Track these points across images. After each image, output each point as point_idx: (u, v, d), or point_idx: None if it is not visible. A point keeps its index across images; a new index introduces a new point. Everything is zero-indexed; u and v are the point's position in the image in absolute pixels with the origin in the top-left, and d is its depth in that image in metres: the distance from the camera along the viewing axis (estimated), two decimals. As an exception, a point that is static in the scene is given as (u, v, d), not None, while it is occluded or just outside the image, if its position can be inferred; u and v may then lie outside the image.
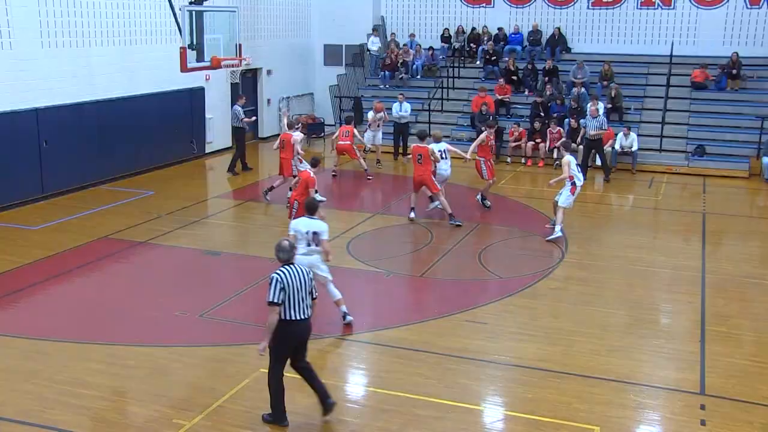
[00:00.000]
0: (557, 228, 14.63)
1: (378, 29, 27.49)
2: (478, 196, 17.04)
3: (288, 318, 7.63)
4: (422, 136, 16.30)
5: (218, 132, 20.79)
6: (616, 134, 21.52)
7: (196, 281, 12.47)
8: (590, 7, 25.92)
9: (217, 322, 10.82)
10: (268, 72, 25.68)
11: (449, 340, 10.29)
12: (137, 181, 19.17)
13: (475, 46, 26.68)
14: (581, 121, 20.96)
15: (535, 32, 26.07)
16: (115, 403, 8.70)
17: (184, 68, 16.40)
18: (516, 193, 18.54)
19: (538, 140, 22.14)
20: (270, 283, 7.64)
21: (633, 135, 21.45)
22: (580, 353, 9.96)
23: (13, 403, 8.48)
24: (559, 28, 25.83)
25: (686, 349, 10.20)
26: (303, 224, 10.15)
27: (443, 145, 16.15)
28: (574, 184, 14.55)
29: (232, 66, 18.48)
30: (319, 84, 27.80)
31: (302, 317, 7.70)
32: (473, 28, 26.93)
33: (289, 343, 7.78)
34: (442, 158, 15.80)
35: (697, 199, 18.87)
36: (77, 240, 14.40)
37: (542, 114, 22.79)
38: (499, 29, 26.47)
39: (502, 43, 26.33)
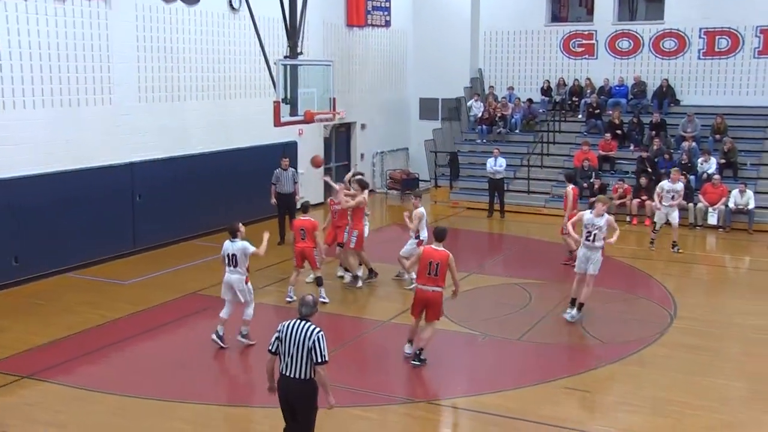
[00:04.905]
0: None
1: (481, 94, 26.90)
2: None
3: (280, 371, 7.59)
4: (306, 209, 14.40)
5: (310, 186, 20.62)
6: (731, 191, 20.27)
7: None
8: (701, 57, 24.72)
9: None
10: (362, 126, 25.52)
11: (548, 409, 9.65)
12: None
13: (577, 99, 25.85)
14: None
15: (638, 84, 25.11)
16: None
17: (277, 122, 16.27)
18: (621, 253, 17.50)
19: (645, 197, 21.01)
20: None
21: (749, 192, 20.19)
22: (694, 428, 9.12)
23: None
24: (667, 80, 24.73)
25: (820, 430, 9.11)
26: (225, 247, 12.07)
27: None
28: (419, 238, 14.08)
29: (326, 120, 18.29)
30: (414, 138, 27.44)
31: (290, 374, 7.50)
32: (575, 81, 26.11)
33: (279, 394, 7.68)
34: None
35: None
36: (166, 295, 14.27)
37: (649, 170, 21.71)
38: (605, 81, 25.62)
39: (603, 96, 25.44)
